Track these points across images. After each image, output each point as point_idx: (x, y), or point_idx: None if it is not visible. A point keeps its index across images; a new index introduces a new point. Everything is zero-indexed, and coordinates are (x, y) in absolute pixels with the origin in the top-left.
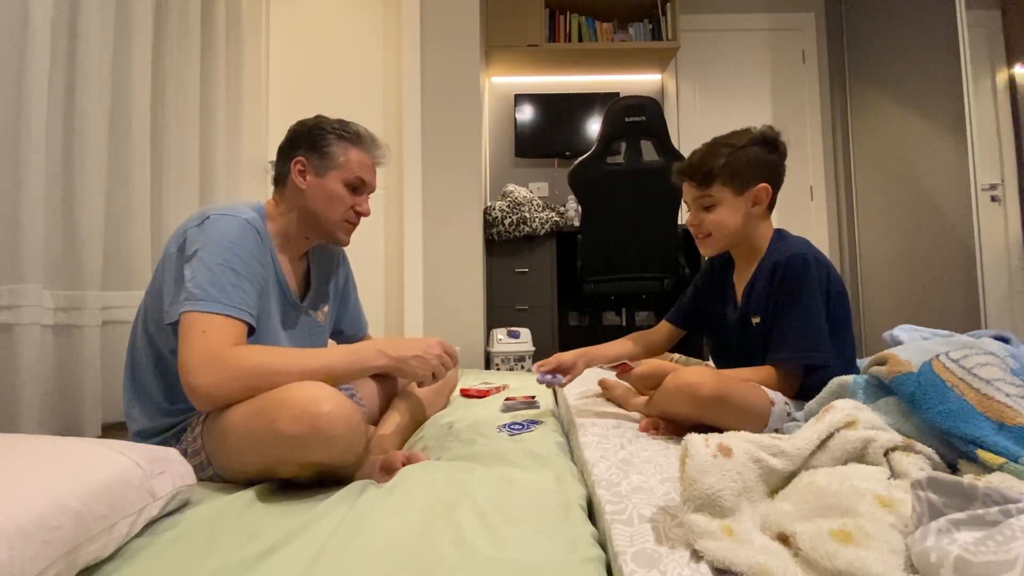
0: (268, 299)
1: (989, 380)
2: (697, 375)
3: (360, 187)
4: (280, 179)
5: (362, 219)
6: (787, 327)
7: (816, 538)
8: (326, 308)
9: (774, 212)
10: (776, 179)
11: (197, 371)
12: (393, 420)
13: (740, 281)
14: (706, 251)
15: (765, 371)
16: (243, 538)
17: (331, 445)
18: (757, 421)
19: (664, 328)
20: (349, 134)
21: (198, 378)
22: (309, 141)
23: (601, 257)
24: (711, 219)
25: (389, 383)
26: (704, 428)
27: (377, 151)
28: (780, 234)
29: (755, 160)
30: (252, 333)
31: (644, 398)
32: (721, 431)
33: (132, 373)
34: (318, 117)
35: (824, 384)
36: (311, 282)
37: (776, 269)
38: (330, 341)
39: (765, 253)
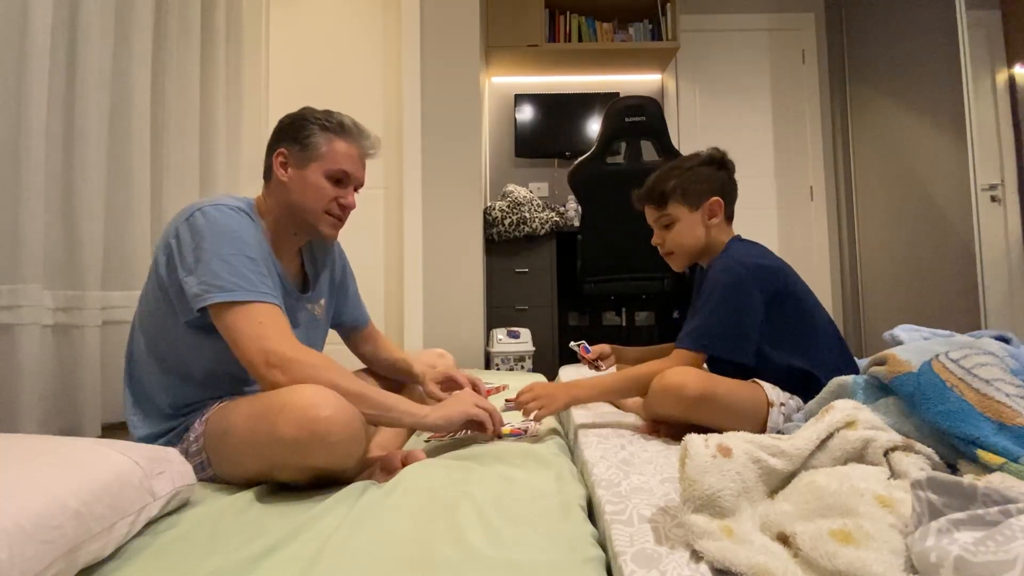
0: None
1: (989, 380)
2: (681, 375)
3: (344, 179)
4: (266, 173)
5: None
6: (691, 318)
7: (816, 538)
8: (322, 302)
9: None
10: (727, 193)
11: (268, 374)
12: None
13: None
14: (674, 266)
15: (658, 361)
16: (243, 538)
17: (330, 450)
18: (752, 421)
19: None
20: (332, 124)
21: (272, 380)
22: (292, 132)
23: (601, 257)
24: (671, 237)
25: (389, 384)
26: (705, 430)
27: (364, 142)
28: (731, 243)
29: (704, 177)
30: None
31: (641, 399)
32: (721, 432)
33: (131, 379)
34: (303, 108)
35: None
36: (307, 276)
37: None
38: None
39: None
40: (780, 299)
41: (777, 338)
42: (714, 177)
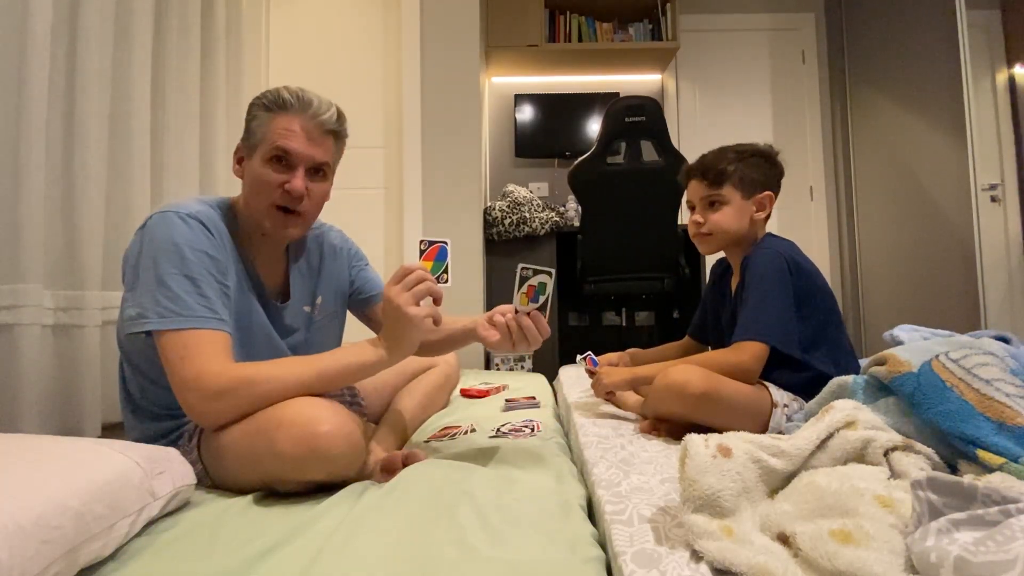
0: (244, 294)
1: (989, 380)
2: (684, 373)
3: (286, 159)
4: None
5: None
6: (745, 310)
7: (816, 538)
8: (319, 300)
9: (774, 213)
10: (777, 191)
11: (191, 402)
12: (393, 419)
13: (734, 284)
14: (704, 249)
15: (720, 352)
16: (243, 538)
17: (331, 464)
18: (754, 420)
19: (690, 342)
20: (270, 101)
21: (193, 408)
22: (245, 123)
23: (601, 257)
24: (715, 218)
25: (391, 379)
26: (706, 430)
27: (307, 111)
28: (768, 237)
29: (762, 169)
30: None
31: (641, 399)
32: (721, 432)
33: (124, 382)
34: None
35: (812, 385)
36: (292, 276)
37: (746, 263)
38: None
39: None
40: (811, 298)
41: (806, 339)
42: (769, 172)
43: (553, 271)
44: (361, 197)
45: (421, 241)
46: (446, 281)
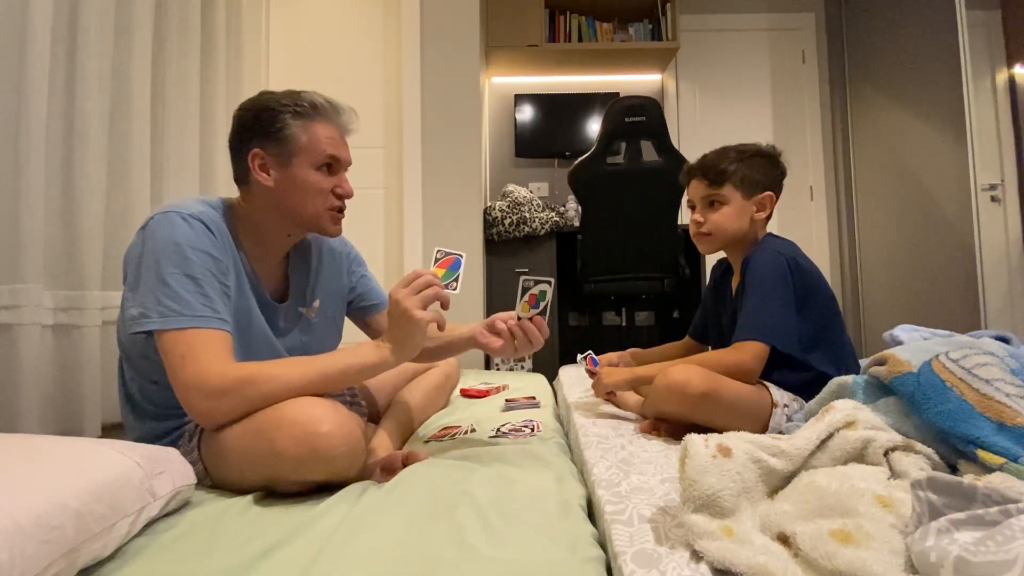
0: (244, 295)
1: (989, 380)
2: (685, 373)
3: (334, 165)
4: (241, 178)
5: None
6: (746, 310)
7: (816, 538)
8: (317, 303)
9: (774, 213)
10: (779, 192)
11: (193, 401)
12: (393, 419)
13: (735, 285)
14: (704, 248)
15: (720, 352)
16: (243, 538)
17: (331, 465)
18: (754, 421)
19: (690, 342)
20: (304, 108)
21: (195, 407)
22: (260, 127)
23: (601, 257)
24: (715, 218)
25: (392, 379)
26: (706, 430)
27: (341, 119)
28: (768, 237)
29: (763, 169)
30: (233, 333)
31: (641, 399)
32: (721, 432)
33: (123, 382)
34: (262, 95)
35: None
36: (291, 278)
37: (746, 263)
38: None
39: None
40: (811, 299)
41: (807, 340)
42: (771, 173)
43: (553, 279)
44: (361, 197)
45: (437, 250)
46: (455, 289)
